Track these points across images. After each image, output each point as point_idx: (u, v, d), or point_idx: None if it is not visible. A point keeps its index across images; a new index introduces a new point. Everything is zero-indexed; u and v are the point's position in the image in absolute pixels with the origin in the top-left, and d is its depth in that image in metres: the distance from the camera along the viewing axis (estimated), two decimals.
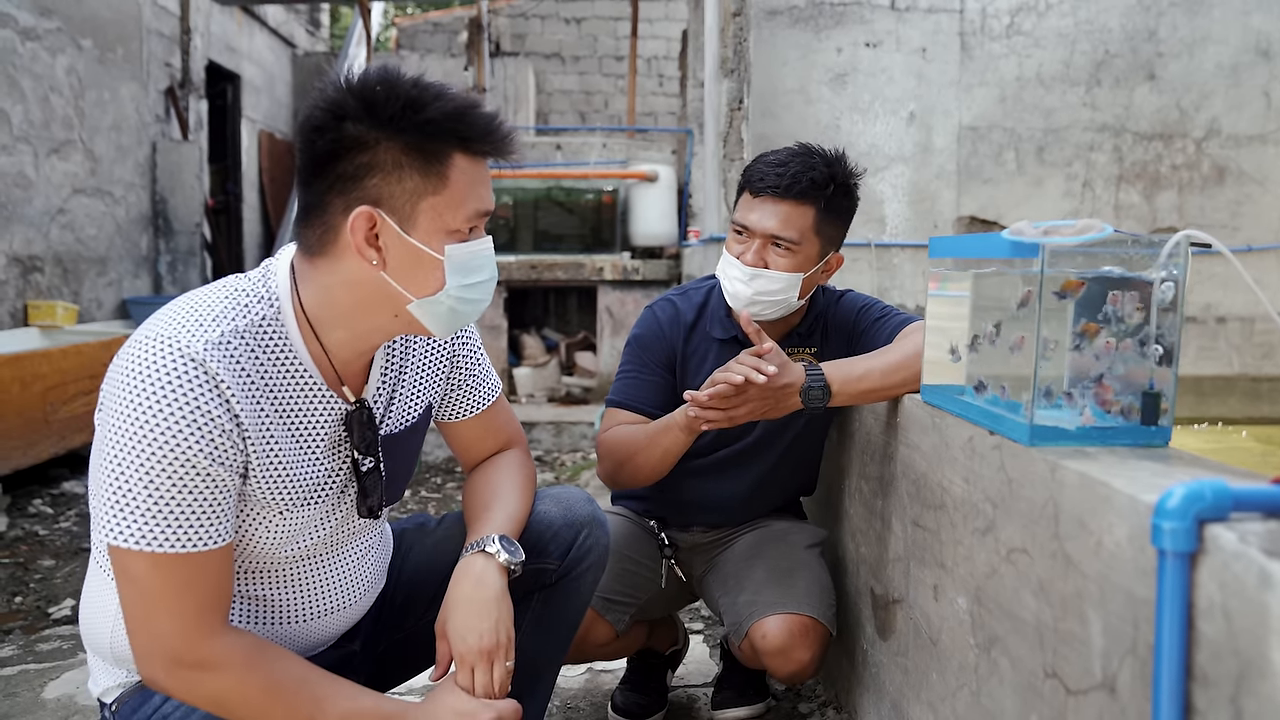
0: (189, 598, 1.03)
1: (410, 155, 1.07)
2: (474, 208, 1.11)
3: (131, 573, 1.02)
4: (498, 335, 6.16)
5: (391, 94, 1.06)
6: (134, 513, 1.00)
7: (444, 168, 1.08)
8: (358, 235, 1.08)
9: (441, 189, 1.08)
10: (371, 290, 1.11)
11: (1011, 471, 1.10)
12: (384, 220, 1.08)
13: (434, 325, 1.15)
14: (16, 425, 3.62)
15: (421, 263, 1.10)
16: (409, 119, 1.06)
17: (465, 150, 1.09)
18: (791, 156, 1.64)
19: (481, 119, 1.10)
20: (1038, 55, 4.41)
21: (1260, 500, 0.76)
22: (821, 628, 1.66)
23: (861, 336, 1.75)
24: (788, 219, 1.61)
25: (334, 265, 1.11)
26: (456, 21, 10.93)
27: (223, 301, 1.10)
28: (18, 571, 3.00)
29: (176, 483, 1.01)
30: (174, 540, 1.02)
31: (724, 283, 1.70)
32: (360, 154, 1.06)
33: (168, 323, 1.05)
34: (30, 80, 4.96)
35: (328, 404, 1.17)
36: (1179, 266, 1.04)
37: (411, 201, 1.08)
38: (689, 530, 1.88)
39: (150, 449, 0.99)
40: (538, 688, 1.45)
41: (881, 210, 4.41)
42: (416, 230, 1.09)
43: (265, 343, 1.11)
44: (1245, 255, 4.39)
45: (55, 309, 4.92)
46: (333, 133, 1.06)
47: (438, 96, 1.08)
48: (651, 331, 1.79)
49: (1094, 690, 0.92)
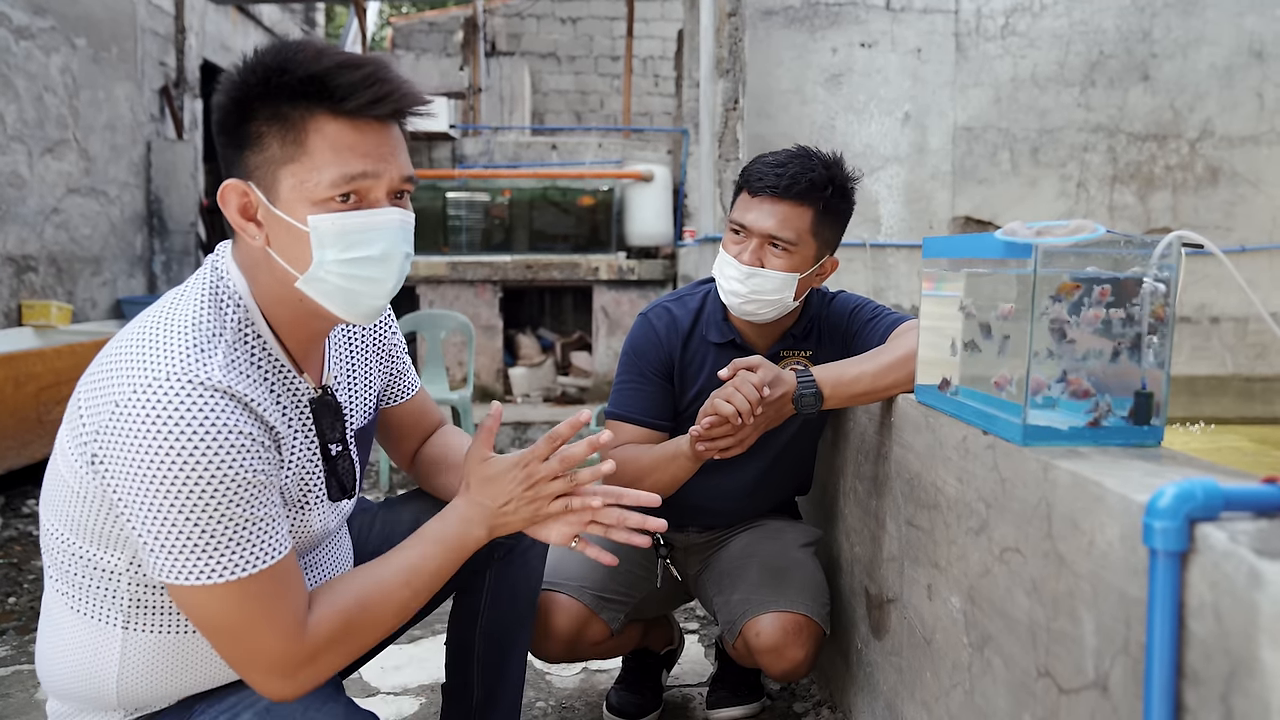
0: (279, 609, 1.02)
1: (270, 123, 1.02)
2: (340, 171, 1.02)
3: (219, 605, 1.00)
4: (493, 335, 6.15)
5: (257, 65, 1.02)
6: (207, 548, 0.97)
7: (301, 133, 1.02)
8: (230, 209, 1.05)
9: (299, 155, 1.02)
10: (272, 269, 1.07)
11: (1004, 471, 1.11)
12: (253, 192, 1.04)
13: (331, 305, 1.08)
14: (10, 425, 3.61)
15: (293, 235, 1.04)
16: (269, 86, 1.02)
17: (330, 112, 1.02)
18: (790, 158, 1.64)
19: (345, 76, 1.01)
20: (1032, 56, 4.42)
21: (1251, 500, 0.76)
22: (815, 626, 1.66)
23: (855, 338, 1.76)
24: (785, 219, 1.62)
25: (243, 247, 1.10)
26: (452, 21, 10.92)
27: (201, 316, 1.05)
28: (11, 572, 2.99)
29: (244, 506, 0.98)
30: (256, 560, 1.00)
31: (720, 281, 1.70)
32: (239, 129, 1.04)
33: (167, 357, 0.98)
34: (24, 79, 4.95)
35: (298, 392, 1.16)
36: (1170, 267, 1.04)
37: (273, 170, 1.03)
38: (684, 530, 1.89)
39: (216, 487, 0.96)
40: (508, 666, 1.47)
41: (876, 210, 4.42)
42: (280, 200, 1.04)
43: (250, 346, 1.09)
44: (1239, 256, 4.41)
45: (49, 309, 4.91)
46: (221, 110, 1.05)
47: (300, 60, 1.02)
48: (648, 340, 1.78)
49: (1086, 689, 0.92)
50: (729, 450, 1.53)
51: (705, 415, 1.50)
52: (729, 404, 1.47)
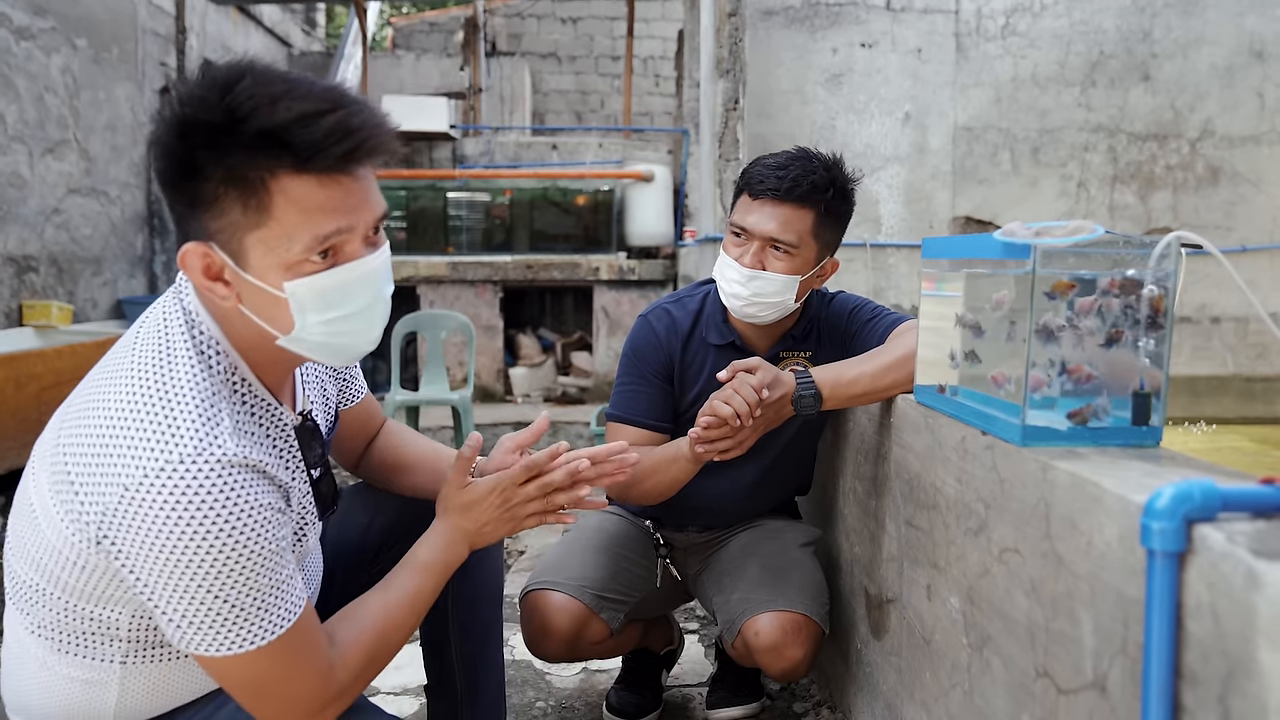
0: (311, 657, 1.05)
1: (226, 186, 0.92)
2: (313, 234, 0.94)
3: (251, 672, 1.00)
4: (494, 335, 6.15)
5: (204, 108, 0.91)
6: (240, 620, 0.97)
7: (264, 197, 0.93)
8: (194, 274, 0.97)
9: (265, 221, 0.94)
10: (246, 323, 1.02)
11: (1003, 472, 1.11)
12: (216, 254, 0.96)
13: (317, 356, 1.06)
14: (11, 425, 3.61)
15: (267, 300, 0.98)
16: (219, 141, 0.91)
17: (295, 170, 0.93)
18: (791, 160, 1.64)
19: (306, 131, 0.91)
20: (1033, 56, 4.42)
21: (1248, 500, 0.76)
22: (814, 625, 1.66)
23: (854, 338, 1.76)
24: (787, 222, 1.61)
25: (210, 300, 1.02)
26: (452, 21, 10.93)
27: (196, 378, 0.99)
28: None
29: (269, 575, 0.98)
30: (284, 620, 1.00)
31: (721, 284, 1.70)
32: (188, 183, 0.94)
33: (175, 435, 0.94)
34: (25, 80, 4.95)
35: (286, 423, 1.14)
36: (1169, 269, 1.04)
37: (237, 237, 0.95)
38: (684, 530, 1.89)
39: (241, 562, 0.95)
40: (487, 650, 1.49)
41: (877, 210, 4.42)
42: (250, 267, 0.96)
43: (241, 394, 1.05)
44: (1239, 256, 4.41)
45: (50, 309, 4.91)
46: (162, 160, 0.95)
47: (252, 109, 0.90)
48: (648, 342, 1.78)
49: (1085, 689, 0.92)
50: (728, 452, 1.53)
51: (704, 416, 1.50)
52: (728, 405, 1.47)
